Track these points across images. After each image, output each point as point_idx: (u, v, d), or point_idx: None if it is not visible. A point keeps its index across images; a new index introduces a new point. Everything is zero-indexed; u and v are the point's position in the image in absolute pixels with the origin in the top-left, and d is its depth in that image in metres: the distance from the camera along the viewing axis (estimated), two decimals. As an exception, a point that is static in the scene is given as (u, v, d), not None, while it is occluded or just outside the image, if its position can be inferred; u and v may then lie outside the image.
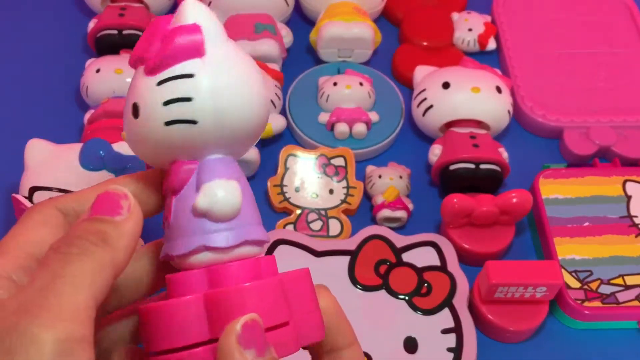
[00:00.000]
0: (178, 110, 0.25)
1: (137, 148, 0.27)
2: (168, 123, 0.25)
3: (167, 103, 0.25)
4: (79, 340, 0.22)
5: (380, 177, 0.54)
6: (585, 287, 0.49)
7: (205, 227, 0.25)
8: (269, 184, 0.54)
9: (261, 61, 0.57)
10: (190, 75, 0.25)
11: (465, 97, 0.55)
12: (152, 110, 0.25)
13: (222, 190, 0.25)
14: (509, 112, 0.56)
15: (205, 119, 0.25)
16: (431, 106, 0.56)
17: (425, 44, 0.65)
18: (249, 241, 0.26)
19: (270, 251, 0.50)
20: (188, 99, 0.25)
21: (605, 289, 0.49)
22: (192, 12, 0.25)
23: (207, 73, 0.25)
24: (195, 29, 0.25)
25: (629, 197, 0.54)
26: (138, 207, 0.25)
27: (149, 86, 0.25)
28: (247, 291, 0.25)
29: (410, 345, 0.46)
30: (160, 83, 0.25)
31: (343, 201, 0.54)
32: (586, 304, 0.48)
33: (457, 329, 0.47)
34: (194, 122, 0.25)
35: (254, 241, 0.26)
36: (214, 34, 0.25)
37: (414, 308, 0.48)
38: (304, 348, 0.28)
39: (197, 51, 0.25)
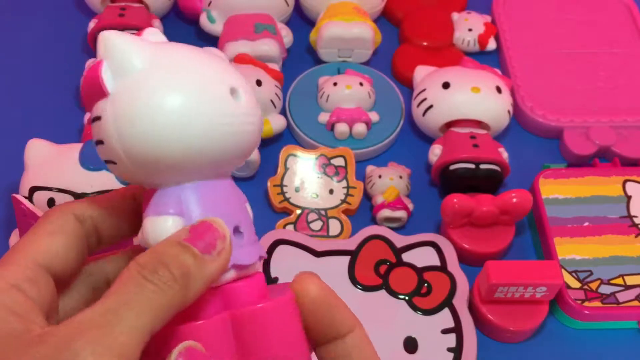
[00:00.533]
0: (100, 151, 0.24)
1: None
2: (105, 161, 0.25)
3: (95, 144, 0.25)
4: None
5: (380, 177, 0.54)
6: (585, 287, 0.49)
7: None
8: (269, 184, 0.54)
9: (261, 61, 0.57)
10: (98, 118, 0.24)
11: (465, 97, 0.55)
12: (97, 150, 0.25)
13: (149, 227, 0.24)
14: (509, 112, 0.56)
15: (121, 159, 0.24)
16: (431, 106, 0.56)
17: (425, 44, 0.65)
18: (261, 256, 0.26)
19: (270, 251, 0.50)
20: (102, 142, 0.24)
21: (605, 289, 0.49)
22: (100, 46, 0.24)
23: (111, 114, 0.23)
24: (94, 68, 0.24)
25: (629, 197, 0.54)
26: (229, 253, 0.24)
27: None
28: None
29: (410, 345, 0.46)
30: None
31: (343, 201, 0.54)
32: (586, 304, 0.48)
33: (457, 329, 0.47)
34: (113, 162, 0.24)
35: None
36: (123, 66, 0.24)
37: (414, 308, 0.48)
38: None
39: (100, 92, 0.24)
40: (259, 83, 0.55)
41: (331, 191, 0.54)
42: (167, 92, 0.23)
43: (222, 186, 0.26)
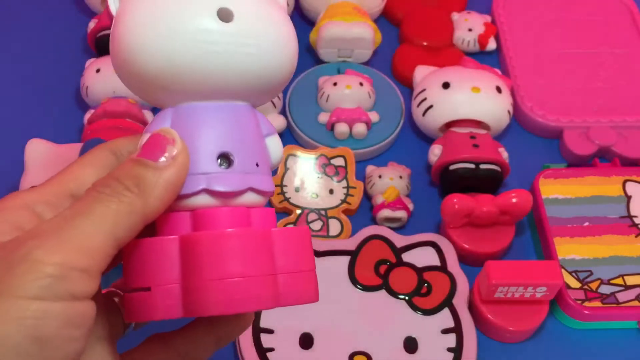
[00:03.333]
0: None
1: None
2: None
3: None
4: (80, 270, 0.22)
5: (380, 177, 0.54)
6: (585, 287, 0.49)
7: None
8: (269, 184, 0.54)
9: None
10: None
11: (465, 97, 0.55)
12: None
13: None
14: (509, 112, 0.56)
15: (120, 75, 0.27)
16: (431, 106, 0.56)
17: (425, 44, 0.65)
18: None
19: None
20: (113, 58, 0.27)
21: (605, 289, 0.49)
22: None
23: (111, 32, 0.28)
24: None
25: (629, 197, 0.54)
26: (185, 156, 0.25)
27: None
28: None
29: (410, 345, 0.46)
30: None
31: (343, 201, 0.54)
32: (586, 304, 0.48)
33: (457, 329, 0.47)
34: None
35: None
36: None
37: (414, 308, 0.48)
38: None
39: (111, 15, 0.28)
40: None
41: (331, 191, 0.54)
42: (147, 8, 0.25)
43: (222, 111, 0.26)
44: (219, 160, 0.26)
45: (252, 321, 0.29)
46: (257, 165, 0.26)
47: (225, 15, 0.25)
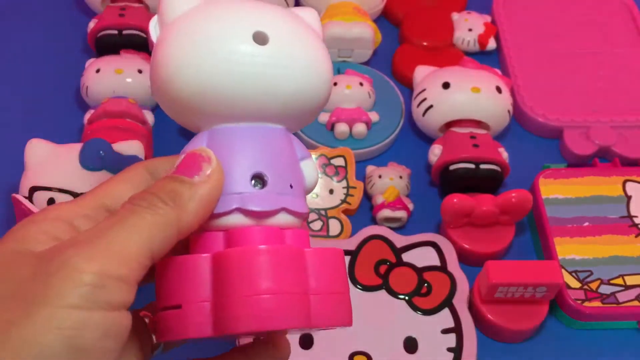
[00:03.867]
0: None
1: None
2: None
3: None
4: (116, 279, 0.23)
5: (380, 177, 0.54)
6: (585, 287, 0.49)
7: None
8: (269, 184, 0.54)
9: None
10: None
11: (465, 97, 0.55)
12: None
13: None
14: (509, 112, 0.56)
15: (158, 100, 0.28)
16: (431, 106, 0.56)
17: (425, 44, 0.65)
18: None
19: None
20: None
21: (605, 289, 0.49)
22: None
23: (151, 59, 0.28)
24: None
25: (629, 197, 0.54)
26: (220, 174, 0.25)
27: None
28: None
29: (410, 345, 0.46)
30: None
31: (343, 201, 0.54)
32: (586, 304, 0.48)
33: (457, 329, 0.47)
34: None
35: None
36: (161, 17, 0.27)
37: (414, 308, 0.48)
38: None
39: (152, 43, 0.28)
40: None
41: (331, 191, 0.54)
42: (186, 34, 0.26)
43: (256, 133, 0.27)
44: (253, 181, 0.26)
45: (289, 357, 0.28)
46: (291, 186, 0.26)
47: (261, 39, 0.26)
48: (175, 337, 0.25)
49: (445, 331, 0.47)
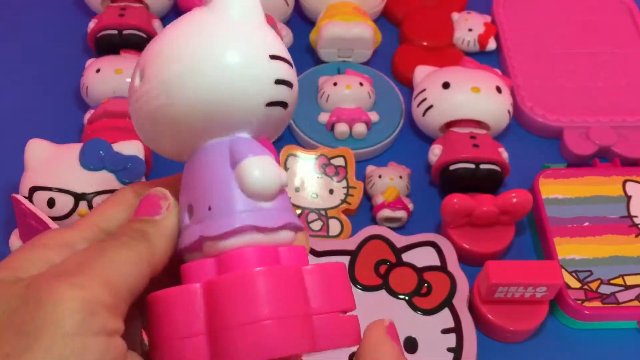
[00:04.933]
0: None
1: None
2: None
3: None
4: (107, 307, 0.23)
5: (380, 177, 0.54)
6: (585, 287, 0.49)
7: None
8: (269, 184, 0.54)
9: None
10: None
11: (465, 97, 0.55)
12: None
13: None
14: (509, 112, 0.56)
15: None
16: (431, 106, 0.56)
17: (425, 44, 0.65)
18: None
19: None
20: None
21: (605, 289, 0.49)
22: None
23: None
24: None
25: (629, 197, 0.54)
26: (176, 207, 0.27)
27: None
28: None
29: (410, 345, 0.46)
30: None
31: (343, 201, 0.54)
32: (586, 304, 0.48)
33: (457, 329, 0.47)
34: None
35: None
36: None
37: (414, 308, 0.48)
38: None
39: None
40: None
41: (331, 191, 0.54)
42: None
43: (202, 155, 0.26)
44: (187, 213, 0.26)
45: None
46: (209, 208, 0.25)
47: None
48: None
49: (445, 331, 0.47)
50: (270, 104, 0.25)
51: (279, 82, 0.25)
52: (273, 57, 0.25)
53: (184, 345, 0.24)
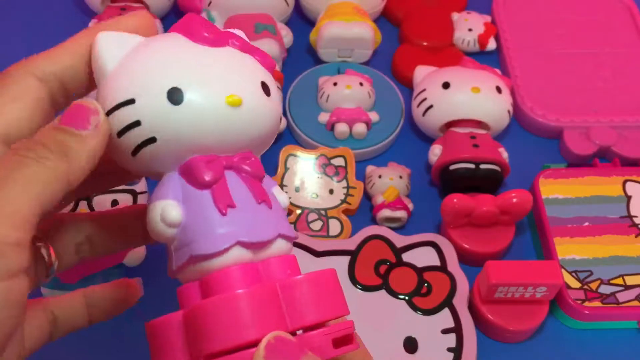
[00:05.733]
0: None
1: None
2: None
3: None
4: (13, 245, 0.22)
5: (380, 177, 0.54)
6: (585, 287, 0.49)
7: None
8: (269, 184, 0.54)
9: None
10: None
11: (465, 97, 0.55)
12: None
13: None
14: (509, 112, 0.56)
15: None
16: (431, 106, 0.56)
17: (425, 44, 0.65)
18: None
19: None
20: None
21: (605, 289, 0.49)
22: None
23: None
24: None
25: (629, 197, 0.54)
26: (107, 126, 0.24)
27: None
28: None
29: (410, 345, 0.46)
30: None
31: (343, 201, 0.54)
32: (586, 304, 0.48)
33: (457, 329, 0.47)
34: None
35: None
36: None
37: (414, 308, 0.48)
38: None
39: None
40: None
41: (331, 191, 0.54)
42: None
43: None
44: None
45: None
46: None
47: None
48: None
49: (445, 331, 0.47)
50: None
51: None
52: None
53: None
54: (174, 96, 0.24)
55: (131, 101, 0.25)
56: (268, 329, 0.23)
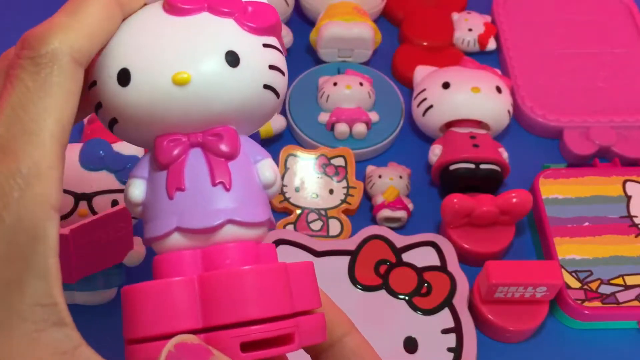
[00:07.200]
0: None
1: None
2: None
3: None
4: (49, 167, 0.22)
5: (380, 177, 0.54)
6: (585, 287, 0.49)
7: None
8: (269, 184, 0.54)
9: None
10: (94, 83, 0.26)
11: (465, 97, 0.55)
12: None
13: None
14: (509, 112, 0.56)
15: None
16: (431, 106, 0.56)
17: (425, 44, 0.65)
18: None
19: (270, 251, 0.50)
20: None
21: (605, 289, 0.49)
22: None
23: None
24: None
25: (629, 197, 0.54)
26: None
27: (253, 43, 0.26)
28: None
29: (410, 345, 0.46)
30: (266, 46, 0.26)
31: (343, 201, 0.54)
32: (586, 304, 0.48)
33: (457, 329, 0.47)
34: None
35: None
36: None
37: (414, 308, 0.48)
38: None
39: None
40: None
41: (331, 191, 0.54)
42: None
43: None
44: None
45: None
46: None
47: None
48: None
49: (445, 331, 0.47)
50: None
51: None
52: None
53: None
54: (122, 78, 0.24)
55: (94, 83, 0.25)
56: (173, 326, 0.23)
